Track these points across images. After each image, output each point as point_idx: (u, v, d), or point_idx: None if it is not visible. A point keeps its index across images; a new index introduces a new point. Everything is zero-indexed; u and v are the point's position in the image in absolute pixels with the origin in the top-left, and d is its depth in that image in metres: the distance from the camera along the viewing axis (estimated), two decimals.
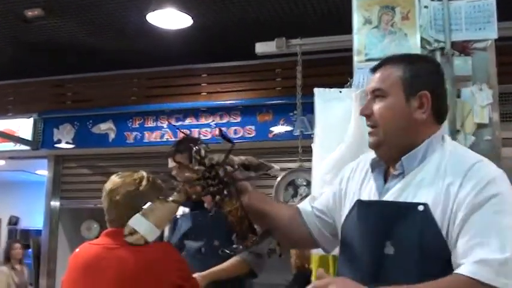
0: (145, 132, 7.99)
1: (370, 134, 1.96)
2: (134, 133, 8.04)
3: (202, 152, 1.97)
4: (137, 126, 8.05)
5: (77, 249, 2.78)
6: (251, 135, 7.59)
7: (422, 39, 3.15)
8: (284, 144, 7.10)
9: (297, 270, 5.09)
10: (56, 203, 8.71)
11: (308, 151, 3.30)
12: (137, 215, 1.95)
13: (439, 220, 1.75)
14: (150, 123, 8.00)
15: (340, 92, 3.20)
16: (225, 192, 1.98)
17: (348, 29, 3.42)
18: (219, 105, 7.73)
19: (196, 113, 7.82)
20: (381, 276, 1.78)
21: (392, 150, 1.92)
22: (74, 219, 9.02)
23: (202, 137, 7.67)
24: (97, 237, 2.85)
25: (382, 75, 1.94)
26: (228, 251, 2.15)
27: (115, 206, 2.68)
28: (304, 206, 2.24)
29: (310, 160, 3.21)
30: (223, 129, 7.48)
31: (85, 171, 8.64)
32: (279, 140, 7.37)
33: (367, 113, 1.96)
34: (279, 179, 5.79)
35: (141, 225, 1.93)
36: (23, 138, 8.37)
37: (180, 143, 3.70)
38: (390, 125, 1.90)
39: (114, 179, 2.79)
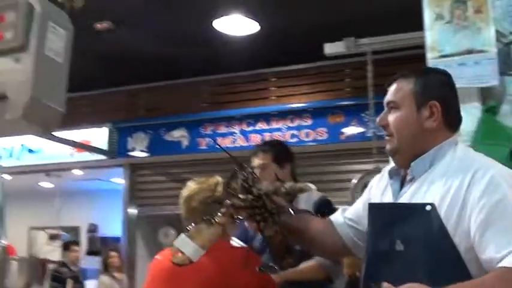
0: (217, 138, 8.06)
1: (386, 142, 2.11)
2: (207, 139, 8.12)
3: (251, 181, 1.97)
4: (209, 132, 8.13)
5: (158, 256, 2.80)
6: (323, 138, 7.54)
7: (496, 32, 3.06)
8: (357, 145, 7.00)
9: (349, 278, 5.06)
10: (133, 210, 8.86)
11: (383, 152, 3.25)
12: (183, 235, 1.99)
13: (445, 219, 1.85)
14: (222, 129, 8.06)
15: None
16: (270, 219, 2.00)
17: (417, 25, 3.36)
18: (290, 108, 7.71)
19: (267, 117, 7.83)
20: (393, 271, 1.90)
21: (406, 157, 2.04)
22: (151, 226, 9.15)
23: None
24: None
25: (395, 89, 2.09)
26: (263, 269, 2.18)
27: (192, 212, 2.69)
28: (336, 217, 2.34)
29: (386, 161, 3.16)
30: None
31: (160, 178, 8.76)
32: (351, 142, 7.29)
33: (383, 124, 2.11)
34: (355, 181, 5.70)
35: (186, 246, 1.95)
36: (99, 148, 8.57)
37: (266, 143, 3.75)
38: (403, 134, 2.03)
39: (191, 186, 2.81)
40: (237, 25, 6.48)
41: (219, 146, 2.28)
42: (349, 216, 2.30)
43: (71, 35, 1.51)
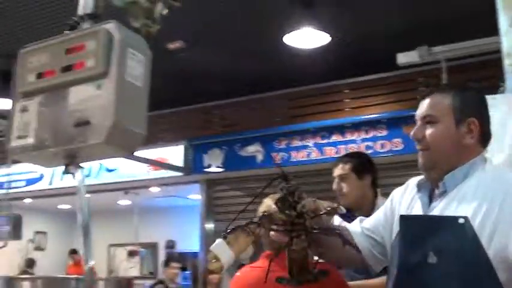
0: (291, 152, 8.06)
1: (420, 156, 2.08)
2: (281, 153, 8.13)
3: (296, 196, 1.94)
4: (283, 146, 8.14)
5: (238, 273, 2.81)
6: (398, 149, 7.43)
7: None
8: None
9: None
10: (210, 226, 8.96)
11: None
12: (221, 240, 1.96)
13: (479, 232, 1.84)
14: (296, 143, 8.06)
15: (494, 98, 3.02)
16: (303, 237, 1.96)
17: (491, 30, 3.28)
18: (364, 119, 7.64)
19: (341, 129, 7.78)
20: (425, 284, 1.90)
21: (441, 172, 2.03)
22: None
23: None
24: (255, 260, 2.88)
25: (433, 102, 2.07)
26: (282, 281, 2.12)
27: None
28: (354, 227, 2.30)
29: None
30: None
31: (236, 193, 8.83)
32: None
33: (419, 137, 2.08)
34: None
35: (224, 253, 1.92)
36: (175, 165, 8.71)
37: (347, 154, 3.76)
38: (441, 149, 2.02)
39: (267, 202, 2.81)
40: (308, 38, 6.47)
41: (273, 159, 2.25)
42: (367, 226, 2.27)
43: (149, 60, 1.54)
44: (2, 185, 11.35)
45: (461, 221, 1.88)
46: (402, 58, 5.29)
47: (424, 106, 2.09)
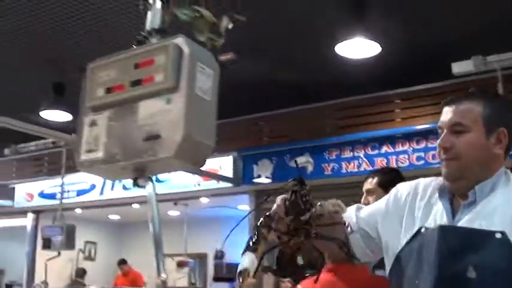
0: (342, 163, 8.01)
1: (447, 166, 2.00)
2: (331, 164, 8.09)
3: (308, 204, 1.88)
4: (334, 157, 8.10)
5: (299, 286, 2.81)
6: None
7: None
8: None
9: None
10: None
11: None
12: (251, 255, 1.94)
13: None
14: (347, 154, 8.00)
15: None
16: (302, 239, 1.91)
17: None
18: (415, 130, 7.54)
19: (392, 140, 7.70)
20: None
21: (469, 183, 1.97)
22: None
23: (400, 164, 7.55)
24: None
25: (463, 110, 2.00)
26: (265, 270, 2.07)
27: None
28: (350, 215, 2.25)
29: None
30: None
31: None
32: None
33: (447, 146, 2.00)
34: None
35: (254, 265, 1.89)
36: (225, 176, 8.74)
37: (377, 169, 3.73)
38: (472, 159, 1.96)
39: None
40: (359, 48, 6.44)
41: (296, 165, 2.20)
42: (362, 216, 2.22)
43: (217, 74, 1.55)
44: (54, 196, 11.59)
45: (498, 235, 1.84)
46: (457, 67, 5.22)
47: (451, 113, 2.03)
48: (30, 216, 12.47)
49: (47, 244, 6.75)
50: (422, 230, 1.99)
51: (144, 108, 1.51)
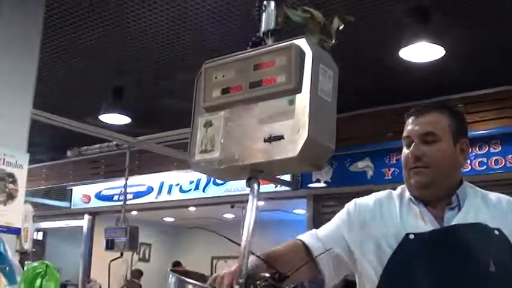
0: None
1: (418, 174, 2.12)
2: (392, 169, 8.02)
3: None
4: (395, 162, 8.03)
5: None
6: None
7: None
8: None
9: None
10: None
11: None
12: None
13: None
14: None
15: None
16: None
17: None
18: (477, 135, 7.44)
19: None
20: None
21: (439, 189, 2.11)
22: None
23: (463, 170, 7.44)
24: None
25: (432, 120, 2.13)
26: None
27: None
28: (312, 241, 2.22)
29: None
30: None
31: None
32: None
33: (418, 154, 2.12)
34: None
35: None
36: (283, 180, 8.75)
37: None
38: (442, 167, 2.09)
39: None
40: (422, 52, 6.38)
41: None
42: (327, 242, 2.19)
43: (336, 75, 1.55)
44: (111, 198, 11.77)
45: (496, 232, 2.01)
46: None
47: (420, 124, 2.14)
48: (87, 217, 12.71)
49: (111, 245, 6.85)
50: (411, 236, 2.04)
51: (264, 109, 1.52)
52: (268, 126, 1.51)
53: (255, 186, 1.59)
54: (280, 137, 1.46)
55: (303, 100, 1.46)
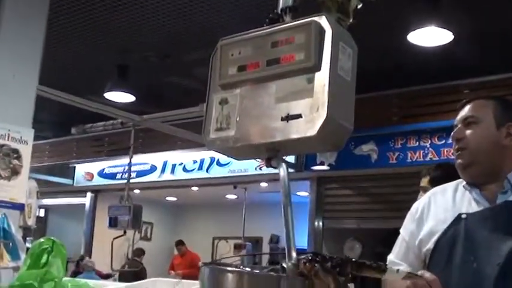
0: (408, 152, 7.92)
1: (458, 156, 2.20)
2: (397, 153, 8.00)
3: None
4: (399, 146, 8.01)
5: None
6: None
7: None
8: None
9: None
10: (318, 223, 8.94)
11: None
12: None
13: None
14: (413, 143, 7.91)
15: None
16: None
17: None
18: None
19: None
20: None
21: (480, 170, 2.15)
22: (336, 239, 9.19)
23: None
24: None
25: (476, 105, 2.21)
26: None
27: None
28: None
29: None
30: None
31: (347, 192, 8.78)
32: None
33: (460, 137, 2.19)
34: None
35: None
36: (287, 161, 8.70)
37: (432, 166, 3.73)
38: (481, 148, 2.14)
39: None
40: (430, 36, 6.34)
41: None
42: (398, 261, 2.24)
43: (355, 53, 1.52)
44: (113, 176, 11.77)
45: None
46: None
47: (465, 110, 2.23)
48: (89, 195, 12.72)
49: (114, 223, 6.84)
50: (463, 216, 2.10)
51: (282, 87, 1.49)
52: (285, 105, 1.48)
53: (283, 165, 1.55)
54: (298, 116, 1.44)
55: (322, 78, 1.43)
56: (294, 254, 1.47)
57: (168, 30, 7.09)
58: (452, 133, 2.24)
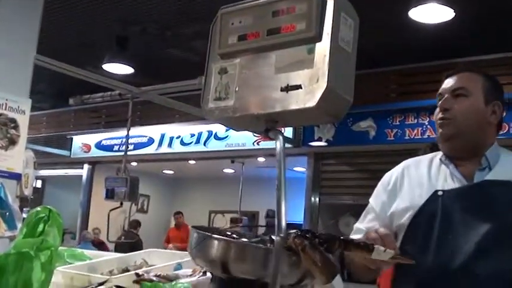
0: (406, 129, 7.91)
1: (442, 125, 2.16)
2: (395, 130, 8.00)
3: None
4: (398, 123, 8.00)
5: None
6: None
7: None
8: None
9: None
10: (315, 199, 8.95)
11: None
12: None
13: None
14: (411, 120, 7.90)
15: None
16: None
17: None
18: None
19: None
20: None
21: (462, 143, 2.13)
22: (332, 214, 9.21)
23: None
24: None
25: (466, 78, 2.17)
26: None
27: None
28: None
29: None
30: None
31: (344, 168, 8.78)
32: None
33: (447, 107, 2.14)
34: None
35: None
36: (285, 137, 8.69)
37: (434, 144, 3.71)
38: (467, 121, 2.11)
39: None
40: (432, 13, 6.30)
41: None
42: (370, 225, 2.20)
43: (357, 24, 1.50)
44: (111, 148, 11.76)
45: None
46: None
47: (453, 80, 2.17)
48: (86, 166, 12.72)
49: (110, 194, 6.83)
50: (439, 192, 2.08)
51: (281, 58, 1.48)
52: (285, 75, 1.47)
53: (280, 137, 1.54)
54: (298, 87, 1.43)
55: (322, 49, 1.42)
56: (283, 227, 1.47)
57: (169, 2, 7.03)
58: (439, 102, 2.18)
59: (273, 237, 1.48)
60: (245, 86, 1.54)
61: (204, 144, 10.17)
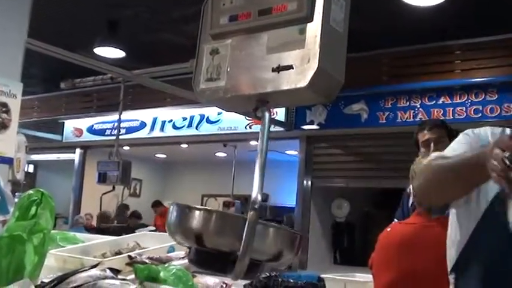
0: (398, 112, 7.92)
1: None
2: (387, 113, 8.01)
3: None
4: (389, 106, 8.01)
5: (388, 228, 2.82)
6: (509, 113, 7.19)
7: None
8: None
9: None
10: (307, 182, 8.98)
11: None
12: None
13: None
14: (403, 103, 7.91)
15: None
16: None
17: None
18: (474, 82, 7.41)
19: (450, 91, 7.58)
20: None
21: None
22: (324, 197, 9.25)
23: (457, 116, 7.45)
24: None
25: None
26: None
27: None
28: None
29: None
30: None
31: (336, 151, 8.80)
32: None
33: None
34: None
35: None
36: (277, 120, 8.71)
37: (436, 120, 3.71)
38: None
39: (420, 160, 2.81)
40: None
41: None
42: None
43: (348, 5, 1.50)
44: (103, 132, 11.73)
45: None
46: None
47: None
48: (78, 151, 12.69)
49: (103, 178, 6.85)
50: None
51: (273, 38, 1.48)
52: (276, 56, 1.47)
53: (266, 114, 1.54)
54: (289, 67, 1.43)
55: (314, 29, 1.42)
56: (259, 200, 1.49)
57: None
58: None
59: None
60: (236, 67, 1.54)
61: (196, 128, 10.16)
